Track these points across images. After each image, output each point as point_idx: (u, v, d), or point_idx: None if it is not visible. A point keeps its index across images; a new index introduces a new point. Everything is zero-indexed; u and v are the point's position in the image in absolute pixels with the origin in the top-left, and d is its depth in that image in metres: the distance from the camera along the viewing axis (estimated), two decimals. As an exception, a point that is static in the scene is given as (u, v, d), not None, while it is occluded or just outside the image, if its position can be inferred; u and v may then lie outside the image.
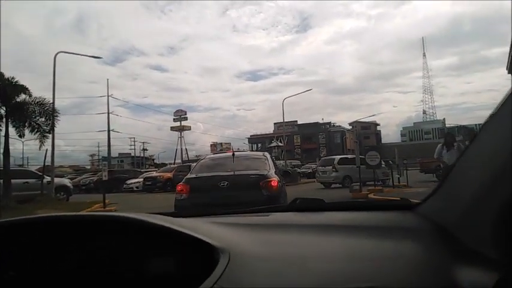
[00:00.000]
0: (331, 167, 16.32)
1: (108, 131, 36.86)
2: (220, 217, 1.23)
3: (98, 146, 58.88)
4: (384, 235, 0.90)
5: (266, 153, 6.87)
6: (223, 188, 5.32)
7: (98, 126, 38.28)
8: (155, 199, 15.88)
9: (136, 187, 22.05)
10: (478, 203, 0.67)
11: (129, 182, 22.73)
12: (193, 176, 5.82)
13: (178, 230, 0.78)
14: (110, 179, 24.13)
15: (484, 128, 0.71)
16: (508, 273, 0.56)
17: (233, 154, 6.25)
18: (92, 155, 65.68)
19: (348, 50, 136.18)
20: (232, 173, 5.51)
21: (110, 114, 36.78)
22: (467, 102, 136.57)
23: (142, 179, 21.70)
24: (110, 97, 36.07)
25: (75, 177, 28.87)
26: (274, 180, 5.44)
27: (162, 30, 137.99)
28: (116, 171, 26.77)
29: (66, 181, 14.85)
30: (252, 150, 51.58)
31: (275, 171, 5.92)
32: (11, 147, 11.67)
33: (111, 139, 37.65)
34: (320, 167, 17.45)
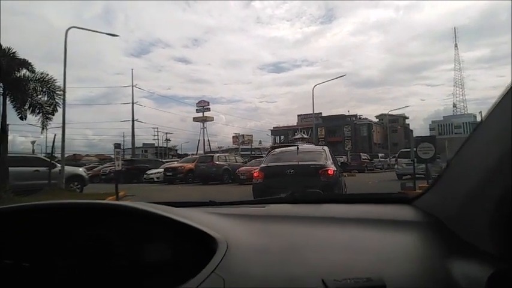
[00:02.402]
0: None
1: (133, 120, 37.02)
2: (219, 207, 1.24)
3: (123, 136, 59.17)
4: (381, 228, 0.89)
5: (325, 147, 7.85)
6: (289, 175, 6.48)
7: (124, 117, 38.78)
8: (176, 191, 14.75)
9: (157, 178, 21.03)
10: (474, 197, 0.67)
11: (149, 172, 21.69)
12: (266, 165, 7.27)
13: (177, 219, 0.79)
14: (129, 168, 23.65)
15: (482, 123, 0.70)
16: (502, 267, 0.57)
17: (297, 148, 7.22)
18: (116, 145, 65.81)
19: (374, 41, 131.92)
20: (297, 163, 6.61)
21: (135, 105, 37.08)
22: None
23: (163, 170, 20.59)
24: (134, 87, 36.27)
25: (96, 166, 28.29)
26: (331, 169, 6.58)
27: (186, 22, 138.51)
28: (136, 161, 25.86)
29: (80, 170, 13.70)
30: (279, 142, 52.59)
31: (332, 162, 6.98)
32: (36, 136, 10.19)
33: (135, 129, 38.05)
34: (403, 159, 16.92)
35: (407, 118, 72.52)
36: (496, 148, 0.62)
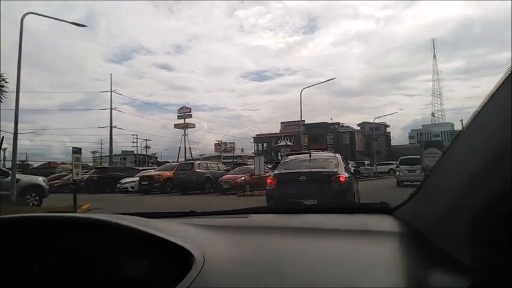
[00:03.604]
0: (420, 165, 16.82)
1: (111, 127, 35.79)
2: (198, 218, 1.22)
3: (101, 143, 56.84)
4: (361, 238, 0.88)
5: (337, 155, 7.87)
6: (302, 182, 6.58)
7: (104, 123, 36.67)
8: (151, 203, 13.20)
9: (132, 187, 19.37)
10: (454, 208, 0.67)
11: (123, 181, 20.01)
12: (279, 172, 7.38)
13: (151, 232, 0.77)
14: (102, 177, 21.94)
15: (461, 133, 0.71)
16: (478, 280, 0.57)
17: (309, 155, 7.55)
18: (93, 152, 63.91)
19: (354, 52, 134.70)
20: (309, 170, 6.81)
21: (114, 111, 35.90)
22: (474, 107, 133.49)
23: (138, 178, 18.93)
24: (114, 93, 35.13)
25: (67, 175, 26.22)
26: (343, 176, 6.64)
27: (169, 29, 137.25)
28: (109, 169, 23.99)
29: (39, 180, 11.82)
30: (262, 150, 52.22)
31: (344, 169, 7.06)
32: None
33: (114, 136, 37.04)
34: (404, 166, 17.66)
35: (389, 126, 73.16)
36: (475, 158, 0.62)
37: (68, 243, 0.85)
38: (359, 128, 69.91)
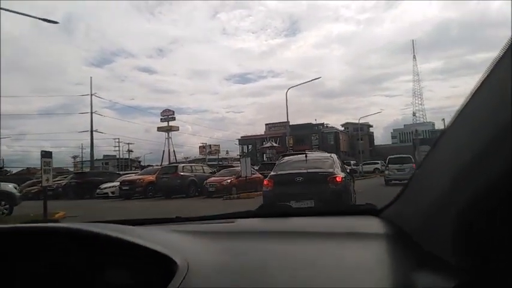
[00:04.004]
0: (410, 164, 16.98)
1: (91, 131, 34.86)
2: (182, 224, 1.21)
3: (81, 147, 55.15)
4: (348, 241, 0.88)
5: (333, 155, 7.94)
6: (299, 182, 6.62)
7: (85, 128, 35.50)
8: (132, 209, 12.54)
9: (112, 192, 18.54)
10: (438, 207, 0.66)
11: (103, 186, 19.16)
12: (276, 173, 7.29)
13: (134, 241, 0.76)
14: (80, 182, 21.03)
15: (445, 132, 0.70)
16: (464, 279, 0.57)
17: (305, 156, 7.57)
18: (74, 157, 62.00)
19: (336, 54, 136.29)
20: (305, 170, 6.77)
21: (96, 115, 35.35)
22: (453, 106, 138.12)
23: (119, 183, 18.12)
24: (95, 97, 34.56)
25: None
26: (339, 176, 6.68)
27: (151, 32, 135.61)
28: (88, 174, 23.05)
29: (8, 186, 10.94)
30: (247, 152, 52.27)
31: (341, 170, 7.15)
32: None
33: (96, 140, 36.56)
34: (393, 165, 17.81)
35: (372, 126, 74.05)
36: (459, 156, 0.61)
37: (46, 254, 0.84)
38: (343, 128, 70.41)
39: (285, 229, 1.06)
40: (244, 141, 67.81)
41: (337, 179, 6.60)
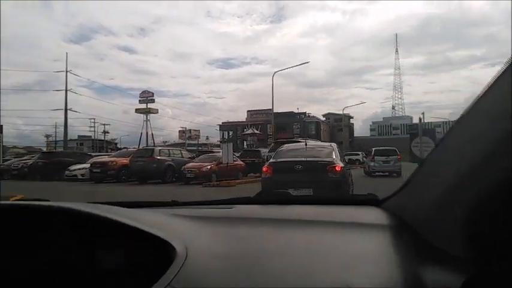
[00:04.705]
0: (395, 156, 17.32)
1: (66, 109, 32.99)
2: (182, 208, 1.18)
3: (55, 126, 52.55)
4: (348, 231, 0.87)
5: (333, 144, 7.91)
6: (298, 170, 6.58)
7: (60, 106, 33.35)
8: (102, 193, 11.47)
9: (82, 175, 17.24)
10: (446, 200, 0.66)
11: (72, 168, 17.79)
12: (275, 160, 7.32)
13: (130, 224, 0.74)
14: (47, 162, 19.48)
15: (456, 124, 0.69)
16: (474, 273, 0.56)
17: (305, 144, 7.58)
18: (47, 136, 59.04)
19: (321, 44, 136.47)
20: (305, 159, 6.76)
21: (71, 94, 33.90)
22: (431, 101, 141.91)
23: (89, 165, 16.87)
24: (71, 74, 33.33)
25: (9, 160, 23.31)
26: (339, 166, 6.67)
27: (132, 9, 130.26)
28: (56, 154, 21.53)
29: None
30: (228, 138, 51.91)
31: (340, 159, 7.15)
32: None
33: (70, 120, 34.89)
34: (379, 157, 17.83)
35: (352, 118, 74.50)
36: (470, 151, 0.60)
37: (37, 234, 0.82)
38: (324, 118, 70.52)
39: (285, 217, 1.04)
40: (225, 127, 66.89)
41: (337, 168, 6.53)
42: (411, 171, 0.89)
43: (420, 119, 8.44)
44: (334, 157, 6.95)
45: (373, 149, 19.18)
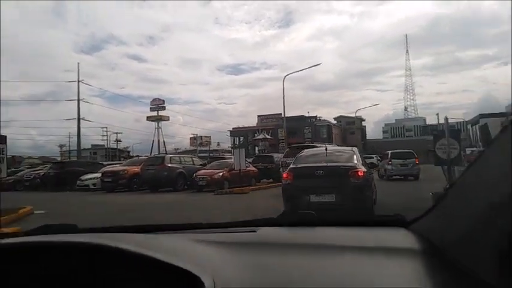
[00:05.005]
0: (413, 159, 17.13)
1: (78, 119, 33.22)
2: (203, 233, 1.16)
3: (69, 136, 53.12)
4: (379, 256, 0.85)
5: (354, 148, 7.57)
6: (319, 176, 6.31)
7: (72, 115, 34.42)
8: (114, 203, 11.17)
9: (94, 184, 17.13)
10: (478, 225, 0.64)
11: (84, 177, 17.70)
12: (295, 166, 7.05)
13: (155, 257, 0.71)
14: (59, 173, 19.50)
15: (493, 144, 0.66)
16: None
17: (326, 149, 7.37)
18: (61, 146, 59.85)
19: (329, 47, 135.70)
20: (326, 164, 6.48)
21: (84, 103, 34.00)
22: (443, 102, 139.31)
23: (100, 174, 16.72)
24: (83, 85, 33.15)
25: (23, 170, 23.42)
26: (361, 170, 6.36)
27: (142, 18, 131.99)
28: (68, 163, 21.51)
29: None
30: (239, 143, 52.07)
31: (362, 163, 6.85)
32: None
33: (83, 129, 35.26)
34: (396, 160, 17.59)
35: (364, 120, 73.45)
36: (507, 176, 0.57)
37: (54, 270, 0.78)
38: (335, 121, 69.66)
39: (311, 241, 1.04)
40: (235, 133, 66.64)
41: (359, 173, 6.25)
42: (429, 173, 0.66)
43: (446, 119, 7.90)
44: (356, 162, 6.67)
45: (390, 152, 18.63)
